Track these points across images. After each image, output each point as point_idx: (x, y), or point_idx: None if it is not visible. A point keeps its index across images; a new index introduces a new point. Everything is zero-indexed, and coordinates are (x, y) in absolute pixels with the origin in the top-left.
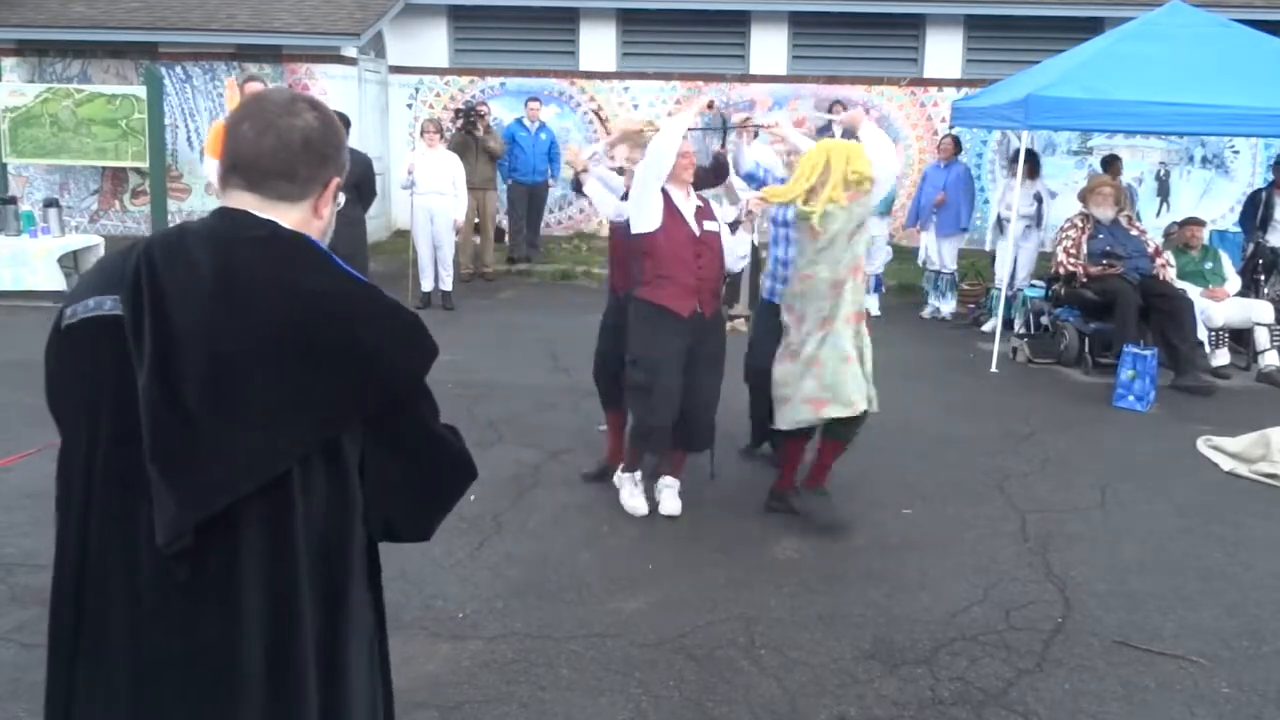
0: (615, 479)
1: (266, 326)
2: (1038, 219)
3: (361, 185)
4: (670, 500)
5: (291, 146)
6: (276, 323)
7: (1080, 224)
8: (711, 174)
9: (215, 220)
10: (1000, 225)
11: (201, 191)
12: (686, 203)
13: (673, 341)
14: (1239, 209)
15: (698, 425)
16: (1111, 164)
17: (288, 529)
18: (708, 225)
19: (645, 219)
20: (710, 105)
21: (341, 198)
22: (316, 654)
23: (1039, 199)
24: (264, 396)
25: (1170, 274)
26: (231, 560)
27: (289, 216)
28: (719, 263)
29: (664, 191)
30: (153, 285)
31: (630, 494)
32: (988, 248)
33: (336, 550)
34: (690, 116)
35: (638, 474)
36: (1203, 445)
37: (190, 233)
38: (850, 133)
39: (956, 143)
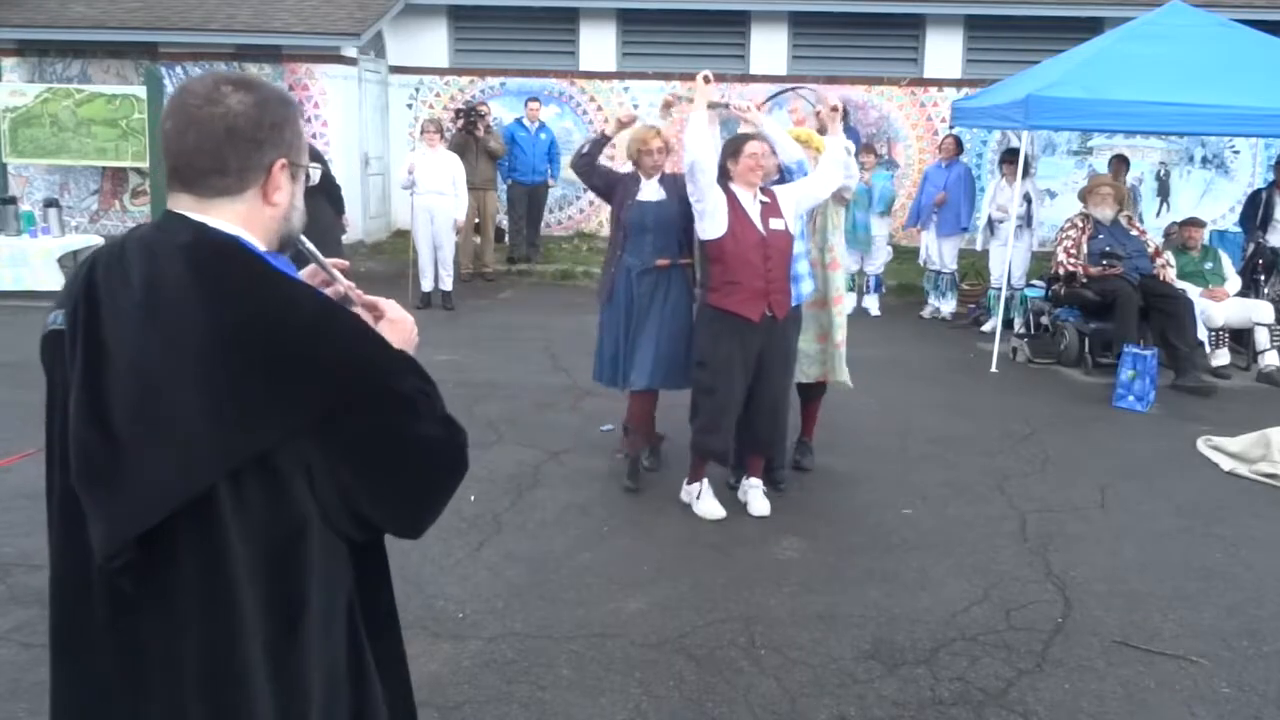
0: (683, 494)
1: (187, 340)
2: (1028, 219)
3: (325, 186)
4: (758, 501)
5: (215, 138)
6: (197, 336)
7: (1080, 224)
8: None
9: (154, 226)
10: (991, 226)
11: None
12: (753, 203)
13: (734, 348)
14: (1239, 209)
15: (763, 428)
16: (1117, 163)
17: (221, 543)
18: (774, 224)
19: (711, 224)
20: (707, 80)
21: (315, 174)
22: (272, 663)
23: (1029, 199)
24: (185, 413)
25: (1170, 274)
26: (166, 573)
27: (232, 211)
28: (787, 262)
29: (730, 192)
30: (88, 299)
31: (705, 501)
32: (979, 248)
33: (286, 559)
34: (702, 104)
35: (705, 482)
36: (1203, 445)
37: (131, 241)
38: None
39: (958, 143)
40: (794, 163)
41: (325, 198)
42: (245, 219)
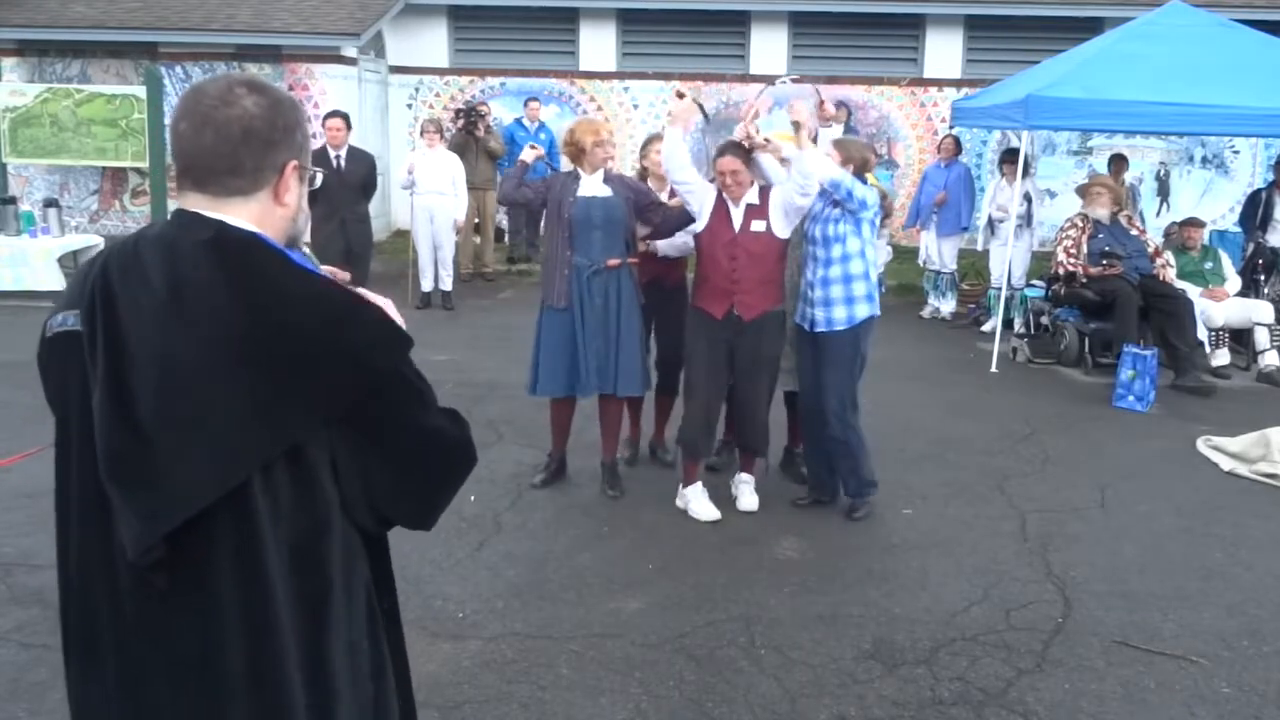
0: (678, 499)
1: (218, 336)
2: (1028, 219)
3: (369, 184)
4: (746, 496)
5: (231, 139)
6: (228, 332)
7: (1080, 224)
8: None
9: (168, 225)
10: (991, 226)
11: None
12: (738, 204)
13: (703, 344)
14: (1239, 209)
15: (744, 423)
16: (1117, 163)
17: (254, 534)
18: (755, 225)
19: (699, 220)
20: (680, 95)
21: (319, 178)
22: (301, 655)
23: (1029, 199)
24: (218, 409)
25: (1170, 274)
26: (201, 568)
27: (245, 211)
28: (762, 264)
29: (720, 195)
30: (105, 299)
31: (699, 502)
32: (979, 248)
33: (310, 551)
34: (680, 127)
35: (698, 485)
36: (1203, 445)
37: (145, 240)
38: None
39: (957, 143)
40: (827, 182)
41: (366, 197)
42: (258, 218)
